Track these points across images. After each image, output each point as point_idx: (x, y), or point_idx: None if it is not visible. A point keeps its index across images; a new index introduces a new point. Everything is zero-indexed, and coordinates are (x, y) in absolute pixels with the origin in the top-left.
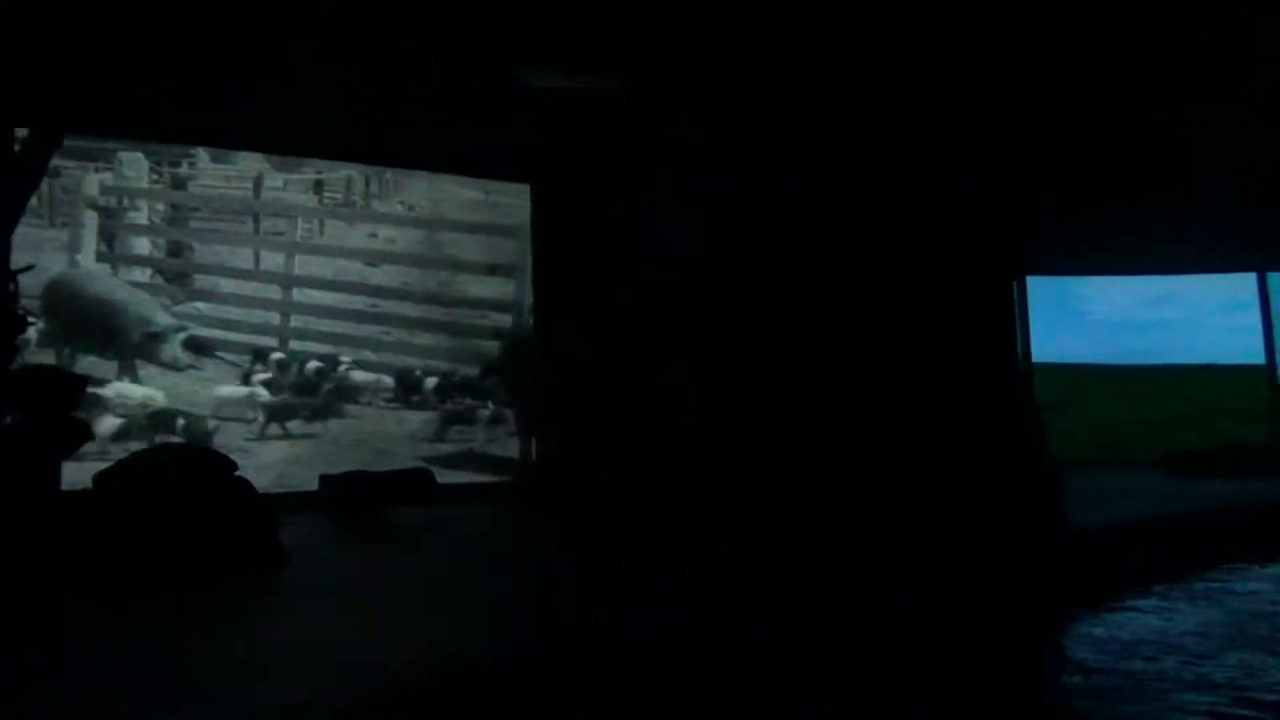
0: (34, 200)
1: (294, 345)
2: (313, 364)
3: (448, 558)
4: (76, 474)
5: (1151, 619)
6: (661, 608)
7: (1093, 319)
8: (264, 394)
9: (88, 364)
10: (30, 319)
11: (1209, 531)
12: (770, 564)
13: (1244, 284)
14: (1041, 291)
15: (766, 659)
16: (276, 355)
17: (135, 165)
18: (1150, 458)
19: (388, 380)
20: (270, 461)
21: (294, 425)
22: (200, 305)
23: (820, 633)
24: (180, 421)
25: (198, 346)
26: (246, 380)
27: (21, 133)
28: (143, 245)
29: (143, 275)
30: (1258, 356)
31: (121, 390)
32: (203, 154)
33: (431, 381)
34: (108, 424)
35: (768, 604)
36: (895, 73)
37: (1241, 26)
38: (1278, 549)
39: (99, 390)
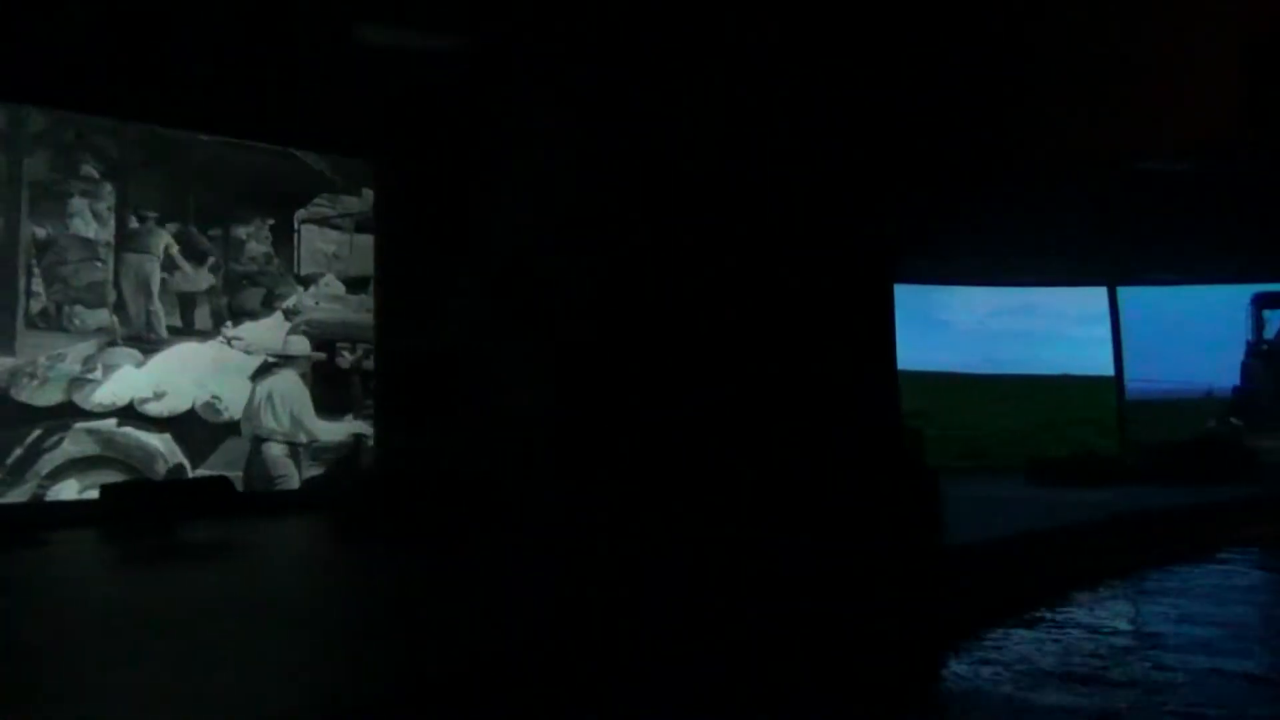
0: None
1: None
2: None
3: (214, 592)
4: None
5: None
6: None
7: (954, 328)
8: None
9: None
10: None
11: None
12: (629, 582)
13: (1096, 297)
14: (903, 299)
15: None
16: None
17: None
18: (1011, 466)
19: None
20: None
21: None
22: None
23: (705, 651)
24: None
25: None
26: None
27: None
28: None
29: None
30: (1109, 368)
31: None
32: None
33: None
34: None
35: (627, 629)
36: (758, 73)
37: (1095, 42)
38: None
39: None
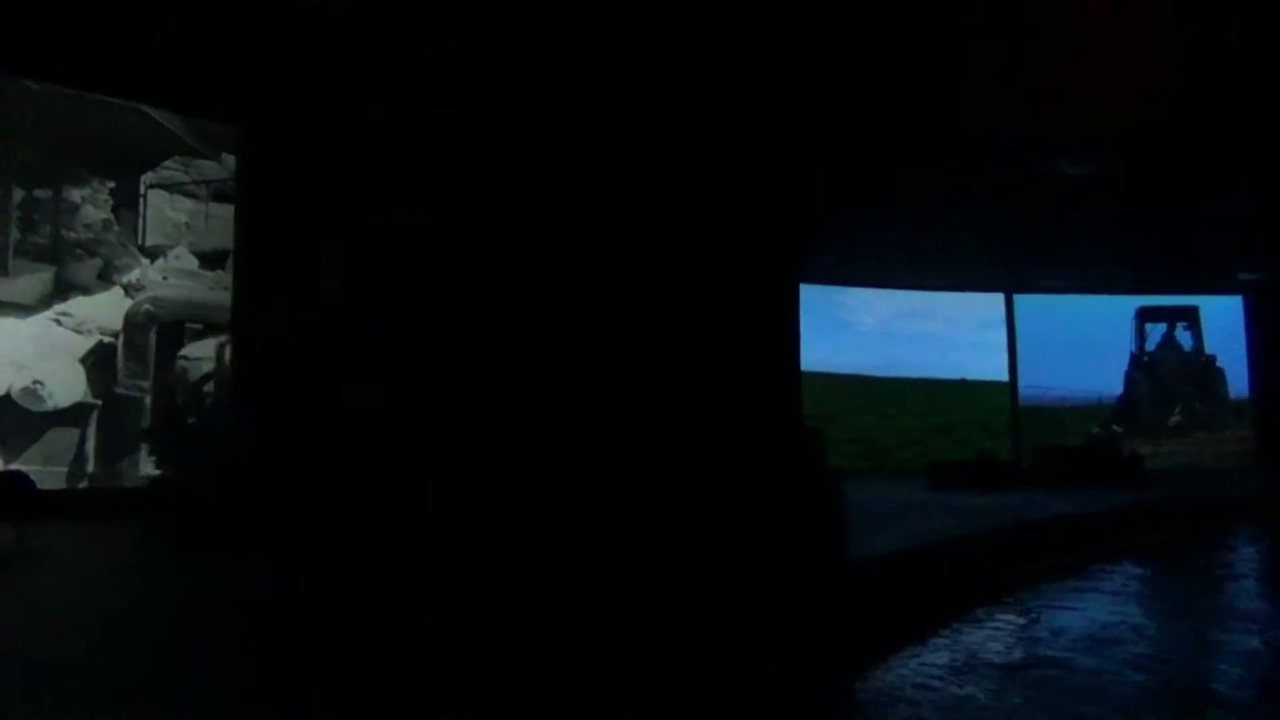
0: None
1: None
2: None
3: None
4: None
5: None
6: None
7: (856, 330)
8: None
9: None
10: None
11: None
12: (508, 590)
13: (994, 303)
14: (806, 300)
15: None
16: None
17: None
18: (910, 468)
19: None
20: None
21: None
22: None
23: (591, 661)
24: None
25: None
26: None
27: None
28: None
29: None
30: (1005, 374)
31: None
32: None
33: None
34: None
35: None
36: (663, 53)
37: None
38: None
39: None
